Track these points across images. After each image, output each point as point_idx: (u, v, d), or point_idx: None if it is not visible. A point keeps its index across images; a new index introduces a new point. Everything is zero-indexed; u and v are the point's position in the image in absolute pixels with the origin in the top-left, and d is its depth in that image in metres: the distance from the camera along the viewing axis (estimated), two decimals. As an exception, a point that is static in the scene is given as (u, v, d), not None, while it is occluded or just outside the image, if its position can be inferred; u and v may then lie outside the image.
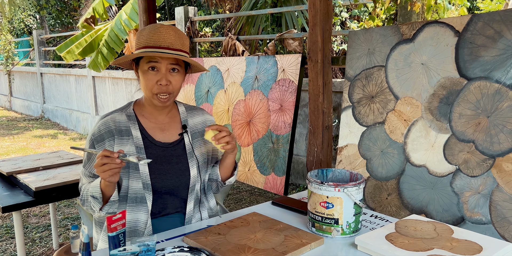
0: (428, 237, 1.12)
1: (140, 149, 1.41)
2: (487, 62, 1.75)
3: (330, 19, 2.46)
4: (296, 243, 1.21)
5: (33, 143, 6.75)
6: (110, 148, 1.39)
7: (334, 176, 1.41)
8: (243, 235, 1.28)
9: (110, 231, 1.01)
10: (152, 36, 1.34)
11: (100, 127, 1.42)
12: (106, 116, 1.45)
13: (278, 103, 2.85)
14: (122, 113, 1.45)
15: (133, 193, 1.39)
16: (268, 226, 1.34)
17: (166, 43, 1.33)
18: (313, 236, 1.25)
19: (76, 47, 5.50)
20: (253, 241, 1.23)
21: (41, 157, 2.88)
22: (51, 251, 2.97)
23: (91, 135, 1.42)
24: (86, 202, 1.39)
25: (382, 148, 2.09)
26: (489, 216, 1.66)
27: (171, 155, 1.46)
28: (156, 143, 1.45)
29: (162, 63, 1.35)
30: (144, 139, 1.44)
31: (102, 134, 1.40)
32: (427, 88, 1.95)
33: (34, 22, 11.65)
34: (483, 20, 1.78)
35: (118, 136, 1.40)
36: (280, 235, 1.26)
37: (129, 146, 1.40)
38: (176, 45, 1.35)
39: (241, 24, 5.13)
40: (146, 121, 1.47)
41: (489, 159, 1.69)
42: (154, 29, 1.35)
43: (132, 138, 1.41)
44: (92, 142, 1.41)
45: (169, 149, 1.47)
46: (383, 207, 2.03)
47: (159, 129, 1.47)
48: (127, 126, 1.42)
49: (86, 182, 1.42)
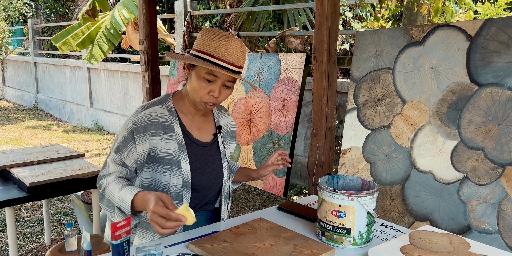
0: (445, 250, 1.08)
1: (182, 146, 1.40)
2: (499, 68, 1.71)
3: (337, 18, 2.41)
4: (306, 253, 1.16)
5: (25, 134, 6.64)
6: (151, 141, 1.35)
7: (345, 183, 1.37)
8: (250, 243, 1.23)
9: (114, 239, 0.95)
10: (220, 47, 1.32)
11: (144, 118, 1.36)
12: (148, 107, 1.39)
13: (280, 102, 2.80)
14: (163, 107, 1.41)
15: (173, 190, 1.38)
16: (276, 234, 1.29)
17: (232, 59, 1.33)
18: (324, 246, 1.20)
19: (72, 38, 5.40)
20: (262, 250, 1.18)
21: (35, 150, 2.81)
22: (43, 246, 2.91)
23: (131, 124, 1.35)
24: (105, 202, 1.35)
25: (387, 152, 2.05)
26: (496, 226, 1.63)
27: (207, 155, 1.47)
28: (195, 141, 1.44)
29: (221, 78, 1.34)
30: (185, 136, 1.42)
31: (144, 125, 1.35)
32: (436, 92, 1.91)
33: (30, 10, 11.45)
34: (497, 25, 1.74)
35: (162, 130, 1.37)
36: (289, 244, 1.21)
37: (173, 142, 1.38)
38: (239, 62, 1.34)
39: (242, 20, 5.06)
40: (185, 118, 1.45)
41: (499, 168, 1.66)
42: (225, 40, 1.32)
43: (175, 134, 1.39)
44: (132, 131, 1.34)
45: (206, 148, 1.47)
46: (386, 213, 1.99)
47: (196, 127, 1.47)
48: (169, 121, 1.40)
49: (114, 171, 1.36)
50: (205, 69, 1.32)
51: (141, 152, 1.35)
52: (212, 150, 1.48)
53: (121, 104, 6.78)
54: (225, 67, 1.31)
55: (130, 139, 1.34)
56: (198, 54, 1.34)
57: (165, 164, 1.37)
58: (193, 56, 1.35)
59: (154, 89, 3.70)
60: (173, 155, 1.37)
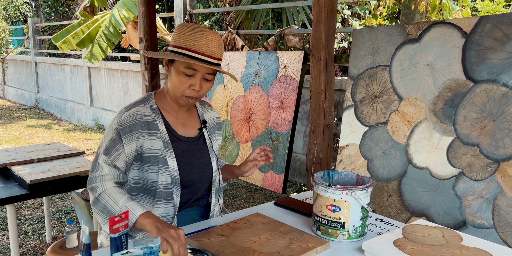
0: (437, 243, 1.10)
1: (167, 143, 1.41)
2: (494, 65, 1.73)
3: (335, 16, 2.42)
4: (301, 247, 1.18)
5: (26, 133, 6.67)
6: (138, 140, 1.36)
7: (340, 178, 1.39)
8: (247, 237, 1.25)
9: (112, 233, 0.98)
10: (196, 41, 1.32)
11: (128, 118, 1.37)
12: (131, 107, 1.41)
13: (279, 100, 2.82)
14: (146, 106, 1.42)
15: (162, 188, 1.39)
16: (272, 228, 1.31)
17: (209, 51, 1.33)
18: (319, 240, 1.22)
19: (72, 37, 5.41)
20: (258, 244, 1.20)
21: (36, 148, 2.83)
22: (44, 244, 2.93)
23: (117, 125, 1.36)
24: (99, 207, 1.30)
25: (384, 149, 2.07)
26: (491, 220, 1.65)
27: (194, 150, 1.48)
28: (180, 137, 1.46)
29: (200, 71, 1.35)
30: (169, 133, 1.44)
31: (130, 125, 1.36)
32: (432, 89, 1.92)
33: (30, 10, 11.46)
34: (492, 22, 1.76)
35: (146, 129, 1.38)
36: (285, 238, 1.24)
37: (157, 140, 1.39)
38: (217, 54, 1.35)
39: (241, 19, 5.07)
40: (168, 115, 1.46)
41: (494, 163, 1.68)
42: (201, 33, 1.33)
43: (160, 132, 1.40)
44: (118, 132, 1.36)
45: (192, 143, 1.48)
46: (383, 209, 2.01)
47: (180, 123, 1.48)
48: (153, 119, 1.41)
49: (108, 173, 1.35)
50: (184, 64, 1.33)
51: (129, 152, 1.36)
52: (199, 144, 1.50)
53: (121, 103, 6.80)
54: (203, 59, 1.31)
55: (118, 140, 1.35)
56: (175, 50, 1.34)
57: (151, 162, 1.38)
58: (171, 52, 1.36)
59: (154, 88, 3.72)
60: (159, 153, 1.38)
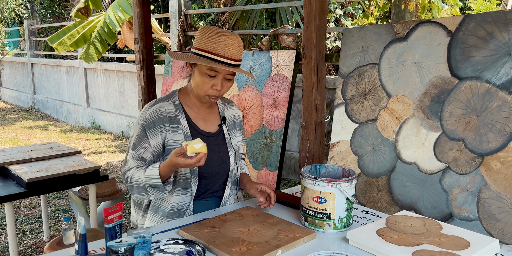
0: (418, 232, 1.15)
1: (188, 137, 1.51)
2: (478, 62, 1.79)
3: (325, 16, 2.47)
4: (289, 236, 1.23)
5: (23, 134, 6.70)
6: (162, 134, 1.48)
7: (327, 172, 1.44)
8: (237, 228, 1.30)
9: (107, 223, 1.02)
10: (219, 44, 1.41)
11: (152, 114, 1.49)
12: (155, 104, 1.52)
13: (272, 98, 2.87)
14: (169, 102, 1.53)
15: (181, 178, 1.50)
16: (262, 220, 1.36)
17: (230, 54, 1.41)
18: (306, 230, 1.28)
19: (68, 38, 5.44)
20: (247, 235, 1.25)
21: (33, 148, 2.87)
22: (42, 242, 2.97)
23: (142, 121, 1.49)
24: (136, 190, 1.48)
25: (373, 145, 2.12)
26: (476, 213, 1.70)
27: (213, 144, 1.56)
28: (200, 132, 1.55)
29: (221, 73, 1.44)
30: (190, 127, 1.54)
31: (154, 121, 1.48)
32: (419, 86, 1.98)
33: (25, 11, 11.48)
34: (476, 21, 1.81)
35: (169, 123, 1.49)
36: (273, 229, 1.29)
37: (179, 134, 1.50)
38: (237, 56, 1.44)
39: (235, 19, 5.12)
40: (190, 111, 1.56)
41: (478, 158, 1.73)
42: (223, 37, 1.41)
43: (181, 126, 1.51)
44: (143, 128, 1.48)
45: (212, 138, 1.57)
46: (373, 203, 2.06)
47: (201, 119, 1.58)
48: (175, 114, 1.51)
49: (134, 166, 1.49)
50: (207, 66, 1.42)
51: (155, 145, 1.48)
52: (218, 139, 1.59)
53: (117, 104, 6.83)
54: (224, 62, 1.41)
55: (144, 135, 1.48)
56: (198, 52, 1.44)
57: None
58: (194, 54, 1.45)
59: (150, 88, 3.76)
60: (180, 145, 1.48)
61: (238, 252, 1.16)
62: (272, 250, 1.17)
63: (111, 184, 2.92)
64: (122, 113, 6.73)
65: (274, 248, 1.17)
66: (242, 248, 1.18)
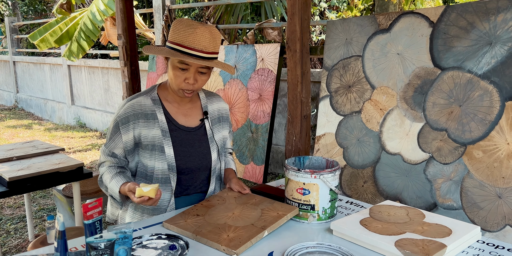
0: (401, 221, 1.16)
1: (166, 132, 1.48)
2: (459, 52, 1.79)
3: (309, 8, 2.46)
4: (273, 216, 1.25)
5: (6, 133, 6.58)
6: (135, 130, 1.46)
7: (311, 164, 1.43)
8: (221, 213, 1.31)
9: (86, 219, 1.00)
10: (188, 36, 1.37)
11: (126, 109, 1.47)
12: (132, 99, 1.50)
13: (257, 92, 2.85)
14: (147, 97, 1.51)
15: (159, 174, 1.48)
16: (244, 202, 1.37)
17: (200, 46, 1.38)
18: (288, 207, 1.29)
19: (50, 35, 5.34)
20: (232, 219, 1.26)
21: (14, 147, 2.81)
22: (27, 242, 2.93)
23: (116, 117, 1.48)
24: (104, 188, 1.52)
25: (358, 137, 2.12)
26: (460, 202, 1.72)
27: (193, 139, 1.54)
28: (180, 127, 1.52)
29: (192, 66, 1.41)
30: (169, 122, 1.51)
31: (127, 116, 1.46)
32: (402, 77, 1.98)
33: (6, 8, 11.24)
34: (457, 11, 1.82)
35: (143, 119, 1.47)
36: (257, 210, 1.30)
37: (155, 129, 1.47)
38: (209, 48, 1.40)
39: (220, 13, 5.08)
40: (170, 106, 1.53)
41: (461, 147, 1.75)
42: (192, 29, 1.38)
43: (158, 121, 1.48)
44: (117, 123, 1.47)
45: (192, 133, 1.55)
46: (359, 195, 2.07)
47: (182, 114, 1.55)
48: (152, 110, 1.49)
49: (105, 161, 1.52)
50: (177, 59, 1.39)
51: (127, 141, 1.46)
52: (199, 134, 1.56)
53: (102, 101, 6.75)
54: (193, 54, 1.37)
55: (116, 131, 1.47)
56: (170, 45, 1.42)
57: (149, 150, 1.47)
58: (167, 47, 1.43)
59: (134, 84, 3.71)
60: (156, 141, 1.46)
61: (226, 239, 1.16)
62: (259, 232, 1.19)
63: (95, 181, 2.89)
64: (107, 110, 6.65)
65: (261, 230, 1.19)
66: (229, 235, 1.18)
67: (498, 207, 1.61)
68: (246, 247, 1.15)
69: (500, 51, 1.67)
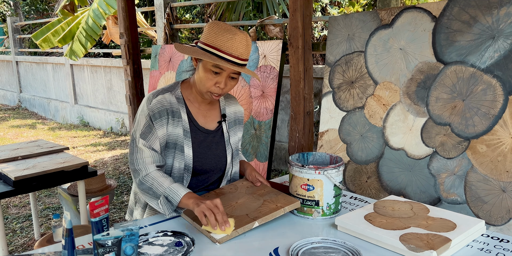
0: (405, 216, 1.16)
1: (187, 132, 1.48)
2: (462, 46, 1.79)
3: (310, 4, 2.46)
4: (270, 208, 1.27)
5: (10, 133, 6.61)
6: (162, 126, 1.44)
7: (315, 160, 1.44)
8: (226, 202, 1.35)
9: (93, 217, 1.01)
10: (226, 41, 1.36)
11: (157, 104, 1.45)
12: (158, 94, 1.47)
13: (260, 89, 2.86)
14: (172, 94, 1.49)
15: (175, 172, 1.48)
16: (253, 192, 1.41)
17: (237, 52, 1.38)
18: (290, 199, 1.30)
19: (52, 34, 5.36)
20: (232, 208, 1.30)
21: (19, 146, 2.83)
22: (33, 241, 2.95)
23: (148, 111, 1.44)
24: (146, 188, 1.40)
25: (361, 133, 2.12)
26: (464, 196, 1.72)
27: (211, 141, 1.54)
28: (200, 128, 1.52)
29: (226, 71, 1.40)
30: (190, 123, 1.51)
31: (159, 111, 1.44)
32: (405, 72, 1.98)
33: (8, 8, 11.27)
34: (459, 5, 1.81)
35: (171, 116, 1.46)
36: (259, 200, 1.33)
37: (179, 128, 1.47)
38: (244, 55, 1.40)
39: (222, 10, 5.08)
40: (192, 106, 1.53)
41: (464, 141, 1.75)
42: (231, 34, 1.37)
43: (181, 120, 1.48)
44: (150, 118, 1.43)
45: (210, 135, 1.55)
46: (363, 190, 2.08)
47: (201, 114, 1.55)
48: (177, 108, 1.48)
49: (149, 156, 1.42)
50: (211, 62, 1.38)
51: (162, 136, 1.44)
52: (216, 137, 1.56)
53: (105, 99, 6.77)
54: (230, 60, 1.37)
55: (151, 125, 1.43)
56: (204, 47, 1.39)
57: (170, 148, 1.47)
58: (200, 48, 1.41)
59: (137, 82, 3.73)
60: (178, 140, 1.46)
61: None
62: (249, 222, 1.21)
63: (100, 180, 2.90)
64: (110, 109, 6.67)
65: (251, 221, 1.21)
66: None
67: (502, 201, 1.61)
68: (231, 237, 1.18)
69: (503, 45, 1.66)
